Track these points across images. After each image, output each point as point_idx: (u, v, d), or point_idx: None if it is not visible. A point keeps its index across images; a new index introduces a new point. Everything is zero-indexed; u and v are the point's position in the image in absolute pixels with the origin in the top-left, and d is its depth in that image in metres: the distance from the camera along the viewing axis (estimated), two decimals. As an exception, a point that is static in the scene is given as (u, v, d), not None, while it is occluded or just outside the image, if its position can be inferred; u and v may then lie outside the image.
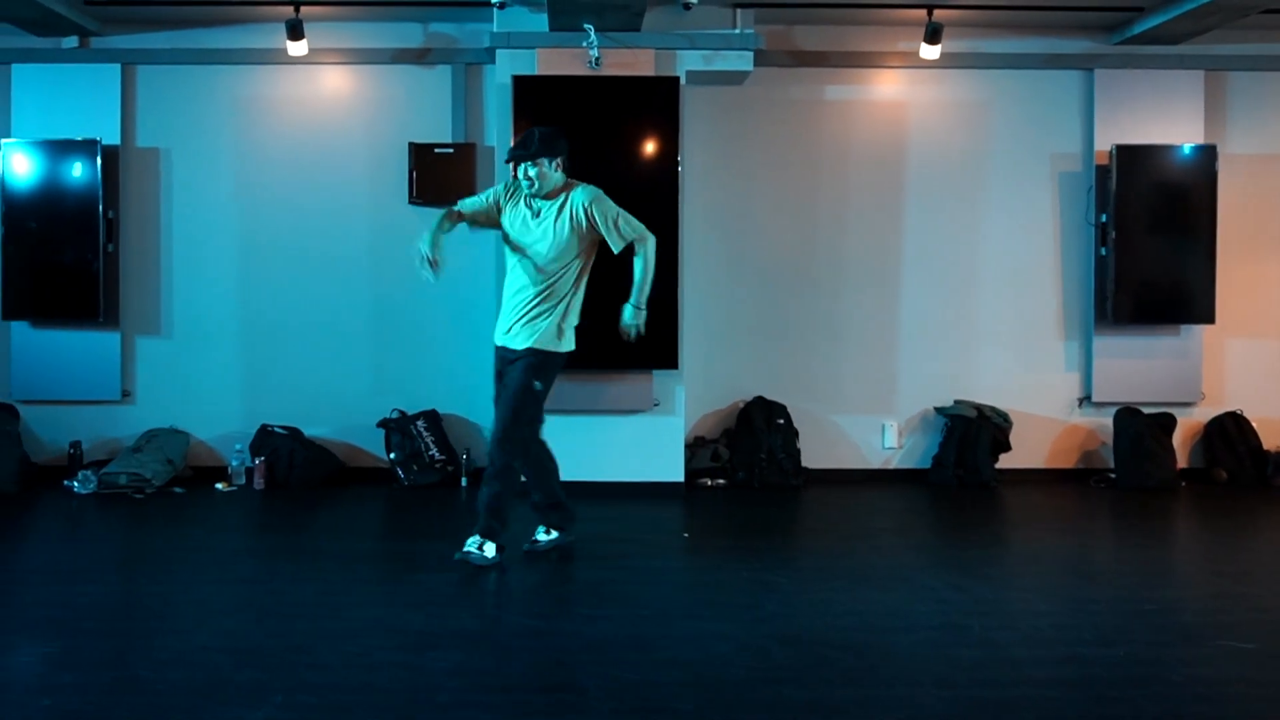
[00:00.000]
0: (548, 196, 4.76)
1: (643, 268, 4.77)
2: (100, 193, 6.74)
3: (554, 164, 4.72)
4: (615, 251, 4.78)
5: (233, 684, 3.36)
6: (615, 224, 4.73)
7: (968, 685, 3.36)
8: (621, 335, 4.84)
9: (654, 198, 6.42)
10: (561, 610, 4.13)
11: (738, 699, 3.28)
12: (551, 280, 4.75)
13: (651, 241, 4.78)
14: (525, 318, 4.77)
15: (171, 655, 3.61)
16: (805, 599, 4.32)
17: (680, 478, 6.55)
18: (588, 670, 3.51)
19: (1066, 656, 3.66)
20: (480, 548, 4.63)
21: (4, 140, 6.77)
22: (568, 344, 4.82)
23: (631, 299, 4.82)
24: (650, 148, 6.46)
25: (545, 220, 4.75)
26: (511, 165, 4.98)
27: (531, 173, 4.71)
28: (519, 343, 4.78)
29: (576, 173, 6.45)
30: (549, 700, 3.28)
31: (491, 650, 3.69)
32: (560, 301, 4.76)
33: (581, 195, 4.75)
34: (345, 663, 3.55)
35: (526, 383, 4.72)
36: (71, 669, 3.49)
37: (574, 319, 4.83)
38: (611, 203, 4.79)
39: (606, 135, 6.47)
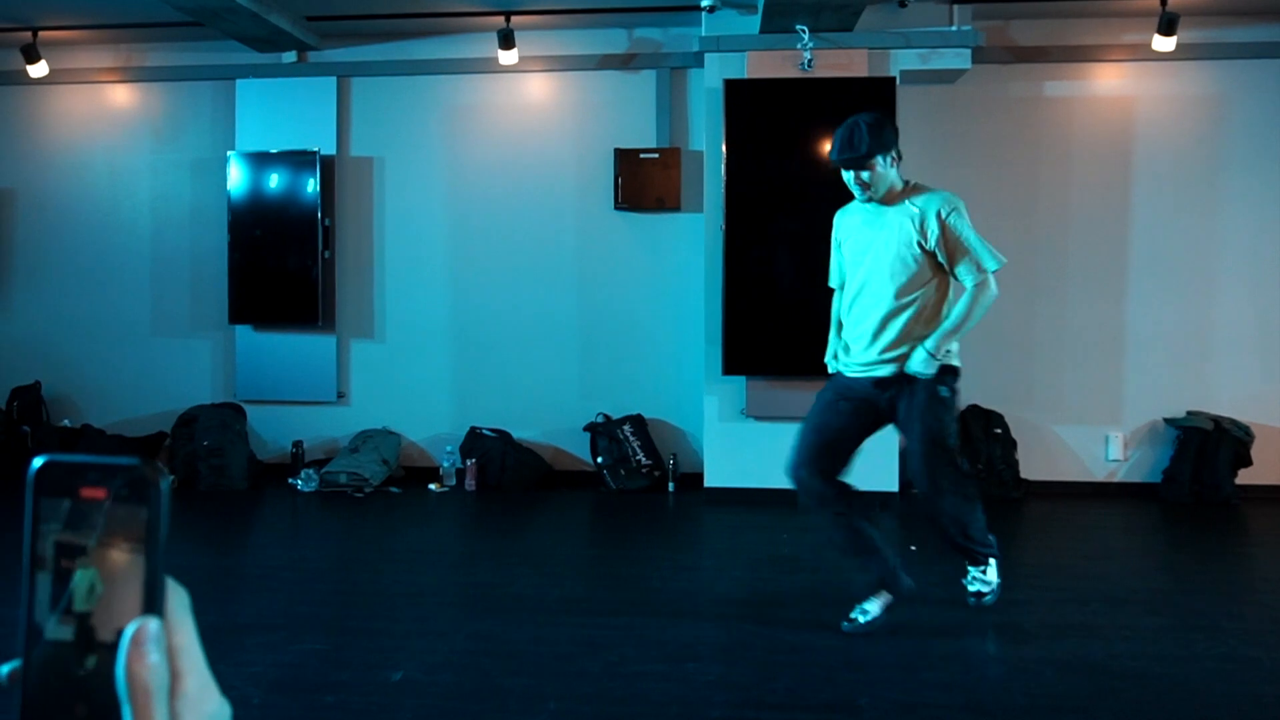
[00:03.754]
0: (886, 201, 3.82)
1: (964, 312, 3.77)
2: (319, 201, 6.98)
3: (889, 160, 3.76)
4: (964, 283, 3.82)
5: (505, 690, 3.38)
6: (966, 252, 3.78)
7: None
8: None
9: (869, 200, 6.28)
10: (812, 624, 4.02)
11: (1024, 727, 3.13)
12: (905, 304, 3.83)
13: (991, 290, 3.78)
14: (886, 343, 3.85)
15: (439, 658, 3.67)
16: (1065, 620, 4.10)
17: (895, 487, 6.36)
18: (857, 689, 3.41)
19: (1383, 696, 3.37)
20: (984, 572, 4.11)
21: (230, 152, 7.08)
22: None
23: (928, 341, 3.77)
24: (865, 149, 6.29)
25: (885, 231, 3.81)
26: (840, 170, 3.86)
27: (865, 177, 3.75)
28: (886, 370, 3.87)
29: (789, 177, 6.43)
30: (822, 719, 3.19)
31: (752, 664, 3.62)
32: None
33: (935, 202, 3.78)
34: (608, 672, 3.53)
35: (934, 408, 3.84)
36: (346, 668, 3.58)
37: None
38: (968, 220, 3.81)
39: (821, 138, 6.34)
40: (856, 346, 3.93)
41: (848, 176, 3.82)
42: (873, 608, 3.92)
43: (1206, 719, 3.21)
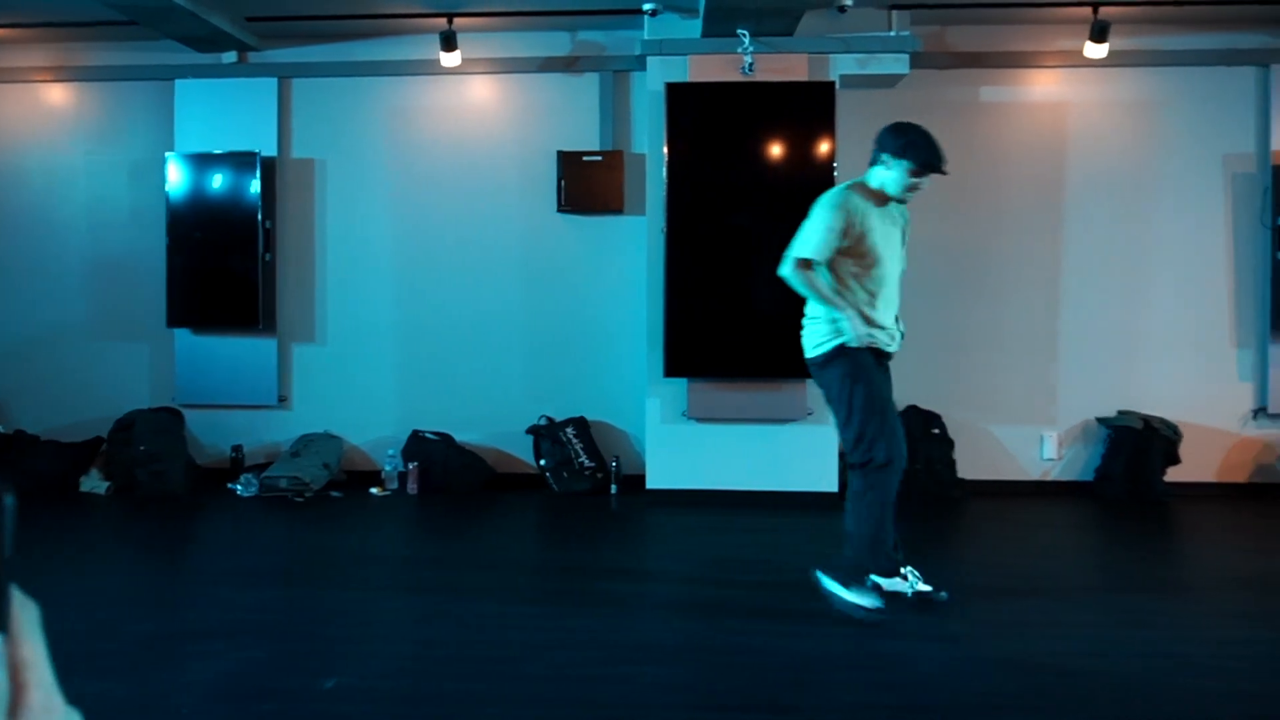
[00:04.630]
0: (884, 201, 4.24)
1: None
2: (259, 203, 6.90)
3: None
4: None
5: (444, 695, 3.38)
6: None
7: None
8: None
9: (809, 204, 6.32)
10: (757, 626, 4.06)
11: (960, 723, 3.19)
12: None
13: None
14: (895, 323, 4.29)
15: (380, 664, 3.64)
16: (1002, 618, 4.18)
17: (834, 488, 6.43)
18: (801, 689, 3.45)
19: (1304, 689, 3.48)
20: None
21: (168, 154, 6.98)
22: None
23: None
24: (806, 153, 6.37)
25: (894, 226, 4.27)
26: (912, 178, 4.18)
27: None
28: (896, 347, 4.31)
29: (731, 180, 6.47)
30: None
31: (698, 666, 3.65)
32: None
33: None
34: (553, 674, 3.54)
35: None
36: (285, 675, 3.54)
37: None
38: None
39: (760, 141, 6.42)
40: (888, 324, 4.24)
41: (924, 182, 4.19)
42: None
43: (1137, 714, 3.28)
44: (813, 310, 4.23)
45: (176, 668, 3.61)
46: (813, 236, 4.14)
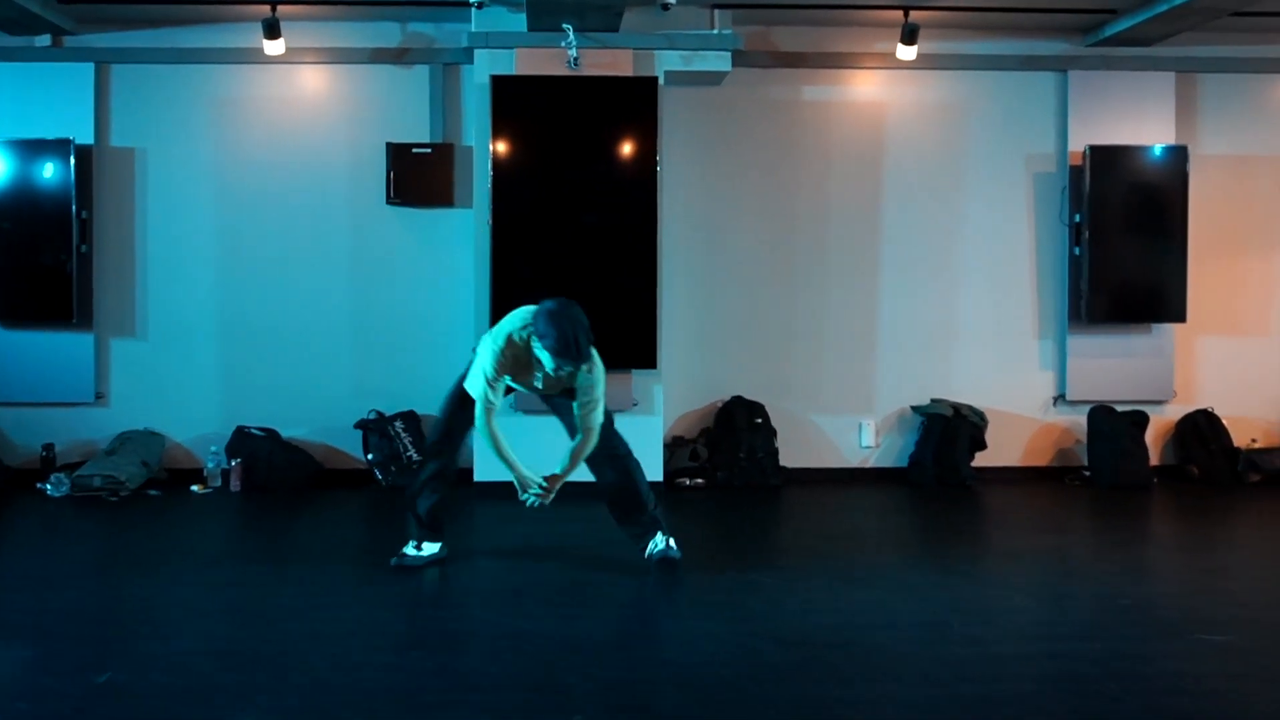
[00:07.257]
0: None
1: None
2: (74, 193, 6.68)
3: None
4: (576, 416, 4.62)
5: (216, 687, 3.35)
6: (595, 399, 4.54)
7: (953, 681, 3.39)
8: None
9: (632, 198, 6.45)
10: (544, 610, 4.13)
11: (725, 698, 3.29)
12: None
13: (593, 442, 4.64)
14: None
15: (153, 660, 3.58)
16: (790, 598, 4.33)
17: (659, 477, 6.54)
18: (572, 670, 3.51)
19: (1047, 652, 3.70)
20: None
21: (-26, 139, 6.71)
22: None
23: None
24: (629, 148, 6.47)
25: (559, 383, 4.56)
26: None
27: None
28: None
29: (554, 173, 6.52)
30: (533, 700, 3.28)
31: (475, 651, 3.69)
32: None
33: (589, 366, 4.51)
34: (330, 665, 3.53)
35: None
36: (50, 674, 3.46)
37: None
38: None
39: (585, 135, 6.49)
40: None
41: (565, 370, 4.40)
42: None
43: (892, 678, 3.45)
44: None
45: (-61, 670, 3.49)
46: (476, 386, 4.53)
